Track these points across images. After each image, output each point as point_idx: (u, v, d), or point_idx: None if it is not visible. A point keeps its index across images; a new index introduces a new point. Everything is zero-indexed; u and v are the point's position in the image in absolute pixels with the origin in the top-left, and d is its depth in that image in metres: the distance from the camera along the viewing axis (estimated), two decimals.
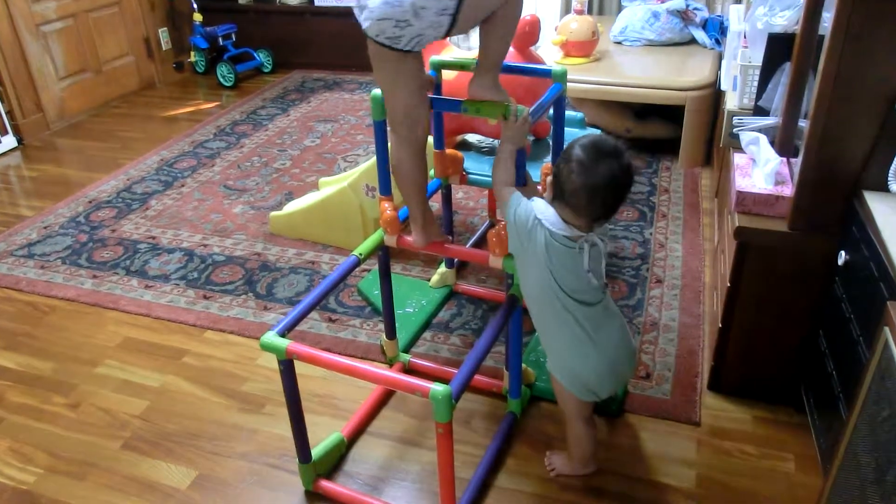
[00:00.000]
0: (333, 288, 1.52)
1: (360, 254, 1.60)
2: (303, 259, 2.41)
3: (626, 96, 2.89)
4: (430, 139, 2.04)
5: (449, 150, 1.91)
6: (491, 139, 2.13)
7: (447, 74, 1.86)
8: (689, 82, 2.78)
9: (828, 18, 1.63)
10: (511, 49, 2.09)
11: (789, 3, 1.71)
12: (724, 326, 1.69)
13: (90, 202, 2.89)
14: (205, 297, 2.23)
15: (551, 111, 1.67)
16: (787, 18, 1.70)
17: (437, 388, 1.20)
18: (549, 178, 1.35)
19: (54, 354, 2.03)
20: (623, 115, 3.08)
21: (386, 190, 1.67)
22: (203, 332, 2.09)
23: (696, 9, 3.16)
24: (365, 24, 1.32)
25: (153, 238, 2.59)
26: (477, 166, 1.96)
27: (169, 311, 2.17)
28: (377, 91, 1.54)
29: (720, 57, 3.05)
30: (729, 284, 1.63)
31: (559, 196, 1.32)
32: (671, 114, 2.99)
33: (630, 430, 1.68)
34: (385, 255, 1.72)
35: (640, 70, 2.98)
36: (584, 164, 1.27)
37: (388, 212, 1.64)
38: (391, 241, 1.66)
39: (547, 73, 1.67)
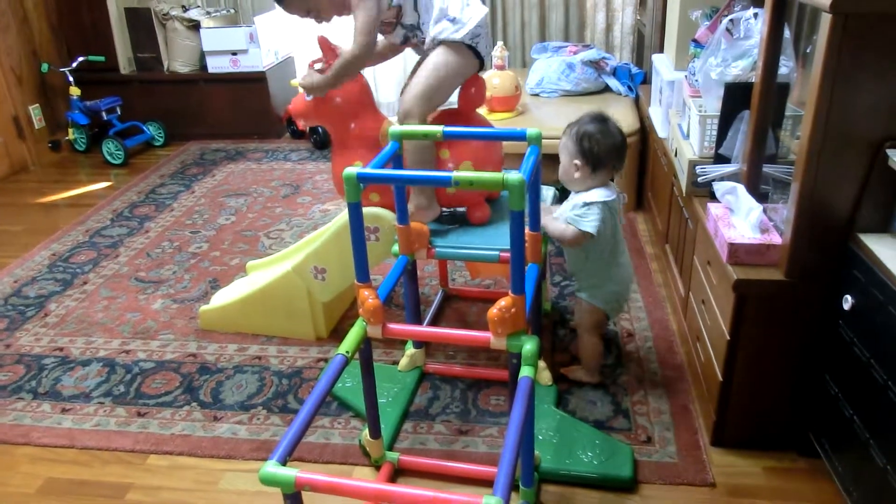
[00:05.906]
0: (326, 396, 1.33)
1: (347, 351, 1.42)
2: (247, 355, 2.15)
3: (555, 148, 2.88)
4: (392, 215, 1.91)
5: (414, 224, 1.77)
6: (447, 207, 2.01)
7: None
8: None
9: (785, 65, 1.68)
10: (458, 111, 2.02)
11: (740, 52, 1.75)
12: (725, 380, 1.65)
13: None
14: (139, 415, 1.92)
15: None
16: (740, 68, 1.74)
17: (490, 500, 1.05)
18: (577, 163, 1.73)
19: None
20: (551, 167, 3.07)
21: (364, 277, 1.50)
22: (146, 459, 1.78)
23: (605, 58, 3.25)
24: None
25: (60, 350, 2.23)
26: (441, 238, 1.83)
27: (98, 438, 1.84)
28: (350, 170, 1.39)
29: (636, 103, 3.14)
30: (728, 338, 1.59)
31: (596, 164, 1.71)
32: None
33: None
34: (367, 349, 1.55)
35: (564, 121, 2.96)
36: (602, 130, 1.71)
37: (370, 300, 1.47)
38: (375, 332, 1.49)
39: (521, 137, 1.59)
